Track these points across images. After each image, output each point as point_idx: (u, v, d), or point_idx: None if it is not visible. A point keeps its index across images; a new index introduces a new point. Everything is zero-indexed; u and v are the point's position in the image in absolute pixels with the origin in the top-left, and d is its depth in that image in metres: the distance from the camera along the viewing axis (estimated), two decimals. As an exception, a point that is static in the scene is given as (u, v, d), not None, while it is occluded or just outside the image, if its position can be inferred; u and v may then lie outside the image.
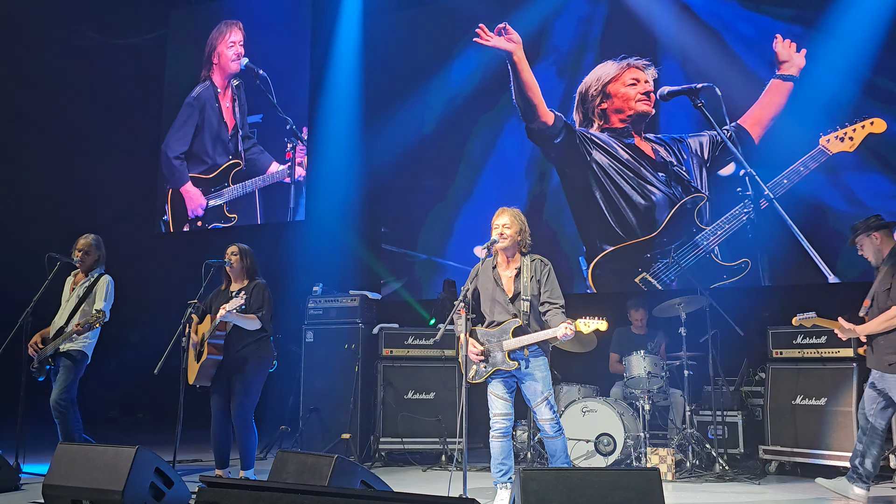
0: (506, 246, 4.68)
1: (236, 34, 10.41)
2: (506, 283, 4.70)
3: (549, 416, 4.59)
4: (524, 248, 4.75)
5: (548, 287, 4.65)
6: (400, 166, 9.20)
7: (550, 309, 4.62)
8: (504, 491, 4.62)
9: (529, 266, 4.68)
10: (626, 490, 3.10)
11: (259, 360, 5.31)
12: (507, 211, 4.74)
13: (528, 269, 4.67)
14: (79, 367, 5.51)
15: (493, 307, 4.69)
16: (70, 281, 5.77)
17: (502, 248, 4.70)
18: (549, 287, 4.65)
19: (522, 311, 4.60)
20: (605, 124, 8.16)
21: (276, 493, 3.01)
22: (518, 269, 4.70)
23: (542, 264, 4.72)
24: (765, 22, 7.57)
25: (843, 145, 7.08)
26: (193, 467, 6.39)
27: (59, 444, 4.34)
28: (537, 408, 4.61)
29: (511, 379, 4.66)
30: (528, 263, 4.69)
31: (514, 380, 4.66)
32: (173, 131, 10.57)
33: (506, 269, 4.74)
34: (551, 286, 4.66)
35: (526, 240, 4.74)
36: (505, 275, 4.72)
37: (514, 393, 4.70)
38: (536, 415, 4.64)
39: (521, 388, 4.67)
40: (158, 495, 4.12)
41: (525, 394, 4.66)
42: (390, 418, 6.67)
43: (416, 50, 9.20)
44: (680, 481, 5.62)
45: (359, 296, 7.13)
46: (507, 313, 4.64)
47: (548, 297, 4.64)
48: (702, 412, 6.30)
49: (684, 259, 7.59)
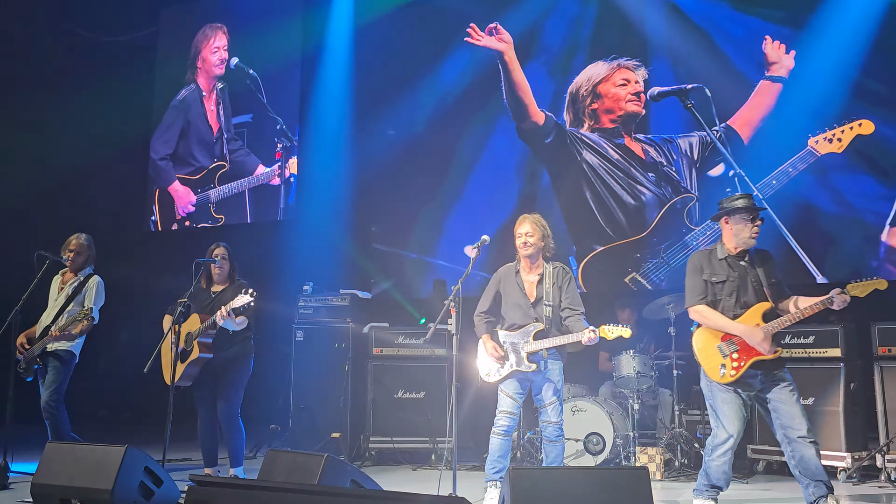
0: (530, 254, 4.78)
1: (220, 38, 10.39)
2: (528, 287, 4.80)
3: (555, 420, 4.68)
4: (548, 254, 4.86)
5: (569, 294, 4.76)
6: (390, 166, 9.19)
7: (572, 315, 4.72)
8: (494, 489, 4.64)
9: (552, 273, 4.79)
10: (616, 489, 3.12)
11: (245, 359, 5.40)
12: (528, 218, 4.84)
13: (551, 276, 4.78)
14: (67, 367, 5.49)
15: (514, 311, 4.78)
16: (58, 280, 5.74)
17: (526, 256, 4.80)
18: (570, 294, 4.77)
19: (545, 316, 4.70)
20: (595, 124, 8.18)
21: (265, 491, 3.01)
22: (541, 274, 4.80)
23: (564, 272, 4.83)
24: (754, 23, 7.61)
25: (831, 146, 7.12)
26: (183, 466, 6.38)
27: (47, 443, 4.32)
28: (546, 409, 4.70)
29: (525, 382, 4.72)
30: (551, 270, 4.80)
31: (528, 383, 4.72)
32: (159, 134, 10.58)
33: (528, 273, 4.83)
34: (572, 293, 4.78)
35: (549, 245, 4.85)
36: (528, 280, 4.82)
37: (525, 396, 4.76)
38: (542, 416, 4.72)
39: (533, 389, 4.75)
40: (148, 494, 4.10)
41: (536, 395, 4.74)
42: (380, 417, 6.67)
43: (407, 49, 9.18)
44: (669, 480, 5.65)
45: (349, 295, 7.13)
46: (529, 317, 4.73)
47: (569, 303, 4.75)
48: (690, 411, 6.33)
49: (674, 259, 7.62)
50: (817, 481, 4.04)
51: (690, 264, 4.44)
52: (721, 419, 4.21)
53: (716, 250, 4.41)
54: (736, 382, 4.18)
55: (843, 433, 5.49)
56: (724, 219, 4.38)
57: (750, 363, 4.15)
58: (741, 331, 4.17)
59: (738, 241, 4.32)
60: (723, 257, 4.36)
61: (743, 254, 4.35)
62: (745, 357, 4.16)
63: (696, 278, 4.37)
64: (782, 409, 4.11)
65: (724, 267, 4.33)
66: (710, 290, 4.32)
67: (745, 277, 4.29)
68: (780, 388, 4.15)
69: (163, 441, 5.17)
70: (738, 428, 4.19)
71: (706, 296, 4.33)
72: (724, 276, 4.31)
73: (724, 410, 4.20)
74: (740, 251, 4.34)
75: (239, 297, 5.10)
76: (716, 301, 4.31)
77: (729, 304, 4.28)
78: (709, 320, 4.30)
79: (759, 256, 4.41)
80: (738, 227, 4.31)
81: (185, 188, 10.21)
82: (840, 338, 5.66)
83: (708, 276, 4.33)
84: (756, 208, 4.31)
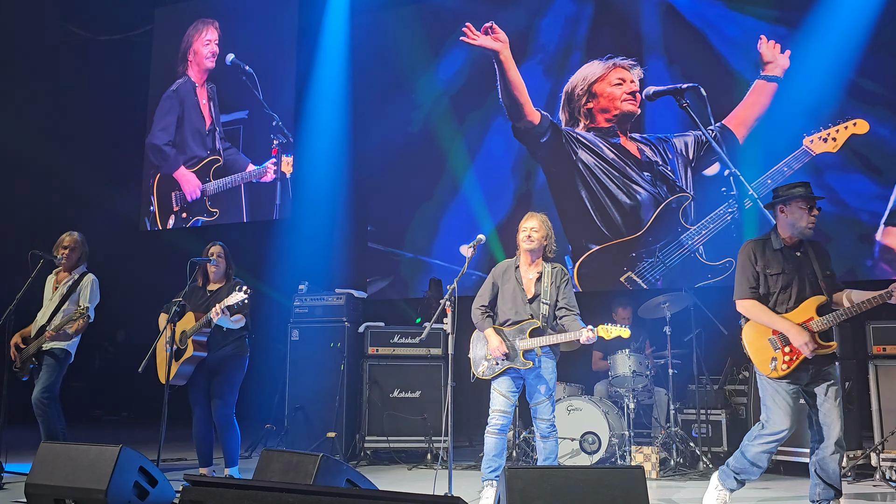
0: (532, 248, 4.78)
1: (212, 32, 10.37)
2: (527, 284, 4.79)
3: (548, 417, 4.67)
4: (549, 254, 4.87)
5: (565, 294, 4.77)
6: (386, 165, 9.19)
7: (568, 315, 4.73)
8: (490, 489, 4.64)
9: (551, 273, 4.79)
10: (611, 488, 3.11)
11: (239, 359, 5.39)
12: (535, 216, 4.86)
13: (549, 276, 4.78)
14: (62, 366, 5.47)
15: (511, 306, 4.77)
16: (52, 279, 5.72)
17: (528, 250, 4.80)
18: (566, 294, 4.78)
19: (541, 314, 4.70)
20: (590, 124, 8.19)
21: (260, 491, 3.00)
22: (540, 273, 4.80)
23: (563, 273, 4.84)
24: (749, 23, 7.62)
25: (826, 146, 7.14)
26: (178, 466, 6.37)
27: (41, 443, 4.30)
28: (538, 406, 4.69)
29: (518, 379, 4.72)
30: (550, 270, 4.80)
31: (521, 380, 4.72)
32: (156, 122, 10.51)
33: (528, 270, 4.83)
34: (568, 294, 4.79)
35: (551, 245, 4.87)
36: (527, 276, 4.81)
37: (518, 394, 4.76)
38: (535, 413, 4.70)
39: (526, 387, 4.74)
40: (142, 494, 4.09)
41: (529, 391, 4.73)
42: (376, 417, 6.66)
43: (403, 48, 9.19)
44: (664, 479, 5.65)
45: (345, 294, 7.11)
46: (525, 314, 4.73)
47: (565, 303, 4.76)
48: (686, 411, 6.34)
49: (669, 258, 7.63)
50: (828, 485, 4.01)
51: (743, 254, 4.22)
52: (778, 413, 4.05)
53: (770, 240, 4.20)
54: (787, 377, 4.04)
55: (838, 432, 5.50)
56: (779, 207, 4.18)
57: (802, 358, 4.01)
58: (786, 329, 4.02)
59: (795, 231, 4.14)
60: (778, 248, 4.16)
61: (798, 245, 4.18)
62: (798, 352, 4.01)
63: (748, 270, 4.17)
64: (824, 409, 4.03)
65: (778, 259, 4.14)
66: (764, 282, 4.14)
67: (801, 270, 4.12)
68: (827, 386, 4.05)
69: (158, 440, 5.17)
70: (792, 423, 4.04)
71: (757, 288, 4.15)
72: (778, 268, 4.12)
73: (779, 404, 4.05)
74: (795, 242, 4.18)
75: (233, 295, 5.09)
76: (769, 294, 4.13)
77: (783, 298, 4.10)
78: (754, 315, 4.13)
79: (814, 247, 4.23)
80: (795, 216, 4.11)
81: (191, 173, 10.17)
82: (835, 337, 5.66)
83: (762, 268, 4.14)
84: (815, 197, 4.12)
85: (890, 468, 5.34)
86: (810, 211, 4.11)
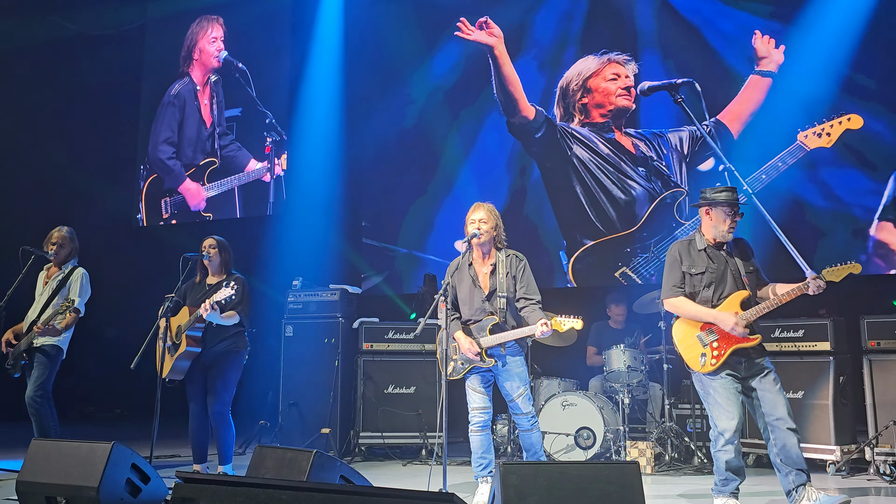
0: (482, 241, 4.65)
1: (217, 30, 10.31)
2: (482, 279, 4.67)
3: (526, 411, 4.62)
4: (500, 244, 4.73)
5: (523, 282, 4.64)
6: (381, 160, 9.17)
7: (527, 305, 4.61)
8: (485, 485, 4.63)
9: (505, 262, 4.66)
10: (606, 483, 3.10)
11: (236, 355, 5.32)
12: (482, 206, 4.72)
13: (504, 265, 4.65)
14: (53, 363, 5.43)
15: (470, 304, 4.67)
16: (43, 275, 5.68)
17: (478, 244, 4.67)
18: (524, 282, 4.64)
19: (499, 309, 4.59)
20: (585, 119, 8.17)
21: (253, 488, 2.98)
22: (494, 265, 4.67)
23: (518, 259, 4.69)
24: (744, 18, 7.62)
25: (820, 141, 7.14)
26: (171, 462, 6.34)
27: (32, 440, 4.27)
28: (513, 402, 4.64)
29: (488, 374, 4.66)
30: (504, 259, 4.67)
31: (491, 375, 4.67)
32: (159, 132, 10.44)
33: (482, 265, 4.71)
34: (527, 281, 4.65)
35: (501, 235, 4.73)
36: (481, 271, 4.69)
37: (492, 387, 4.71)
38: (513, 409, 4.67)
39: (497, 384, 4.68)
40: (134, 491, 4.06)
41: (502, 389, 4.67)
42: (370, 413, 6.65)
43: (398, 43, 9.16)
44: (659, 474, 5.65)
45: (339, 290, 7.09)
46: (484, 311, 4.63)
47: (524, 292, 4.62)
48: (681, 406, 6.34)
49: (664, 254, 7.61)
50: (798, 470, 4.05)
51: (669, 255, 4.44)
52: (720, 409, 4.15)
53: (695, 241, 4.41)
54: (719, 371, 4.15)
55: (833, 426, 5.51)
56: (705, 209, 4.39)
57: (730, 351, 4.14)
58: (714, 317, 4.18)
59: (716, 233, 4.34)
60: (702, 248, 4.36)
61: (721, 244, 4.36)
62: (725, 345, 4.15)
63: (674, 271, 4.38)
64: (765, 397, 4.11)
65: (703, 258, 4.33)
66: (689, 281, 4.33)
67: (724, 268, 4.30)
68: (763, 377, 4.15)
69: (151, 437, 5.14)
70: (738, 413, 4.13)
71: (683, 288, 4.33)
72: (702, 267, 4.31)
73: (719, 399, 4.15)
74: (718, 242, 4.35)
75: (221, 291, 5.05)
76: (694, 293, 4.30)
77: (707, 296, 4.27)
78: (682, 310, 4.30)
79: (737, 245, 4.43)
80: (717, 220, 4.32)
81: (196, 185, 10.12)
82: (829, 331, 5.67)
83: (687, 268, 4.33)
84: (737, 203, 4.32)
85: (884, 462, 5.35)
86: (733, 217, 4.31)
